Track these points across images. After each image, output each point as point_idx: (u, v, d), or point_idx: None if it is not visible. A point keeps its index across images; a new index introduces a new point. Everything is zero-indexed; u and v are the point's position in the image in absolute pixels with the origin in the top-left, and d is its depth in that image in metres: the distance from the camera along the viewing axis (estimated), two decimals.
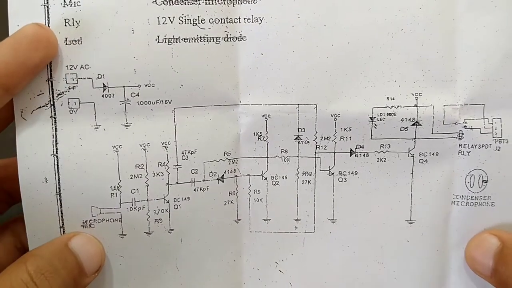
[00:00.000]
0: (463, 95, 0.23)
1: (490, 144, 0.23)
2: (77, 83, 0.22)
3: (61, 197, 0.23)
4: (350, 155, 0.24)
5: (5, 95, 0.21)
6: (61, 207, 0.23)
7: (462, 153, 0.24)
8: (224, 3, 0.22)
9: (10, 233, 0.25)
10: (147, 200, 0.24)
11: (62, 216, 0.23)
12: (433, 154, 0.24)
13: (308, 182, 0.25)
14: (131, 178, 0.23)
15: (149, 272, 0.24)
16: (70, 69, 0.22)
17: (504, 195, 0.24)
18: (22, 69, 0.21)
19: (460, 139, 0.24)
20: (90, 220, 0.23)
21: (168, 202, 0.24)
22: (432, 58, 0.23)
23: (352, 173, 0.24)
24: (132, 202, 0.23)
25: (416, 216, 0.25)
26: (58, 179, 0.23)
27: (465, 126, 0.23)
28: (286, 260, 0.26)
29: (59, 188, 0.23)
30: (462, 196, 0.24)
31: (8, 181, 0.23)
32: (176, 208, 0.24)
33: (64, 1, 0.22)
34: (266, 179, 0.25)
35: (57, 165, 0.22)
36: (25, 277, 0.20)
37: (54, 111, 0.22)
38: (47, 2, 0.22)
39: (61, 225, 0.23)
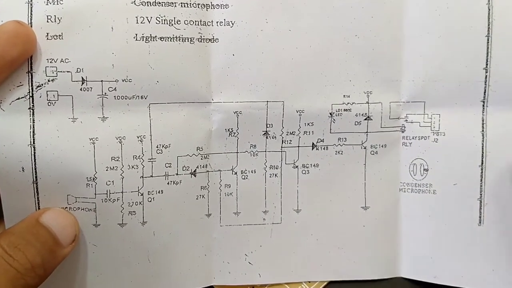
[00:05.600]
0: (406, 93, 0.27)
1: (428, 136, 0.27)
2: (56, 76, 0.23)
3: (37, 185, 0.23)
4: (312, 149, 0.27)
5: None
6: (37, 194, 0.23)
7: (405, 144, 0.27)
8: (199, 7, 0.24)
9: (2, 228, 0.24)
10: (122, 192, 0.24)
11: (38, 203, 0.23)
12: (382, 146, 0.27)
13: (275, 175, 0.27)
14: (106, 170, 0.24)
15: (121, 263, 0.25)
16: (50, 62, 0.23)
17: (443, 183, 0.27)
18: (0, 62, 0.21)
19: (403, 131, 0.27)
20: (66, 208, 0.23)
21: (142, 194, 0.24)
22: (381, 61, 0.26)
23: (314, 165, 0.27)
24: (107, 193, 0.24)
25: (370, 203, 0.27)
26: (35, 169, 0.23)
27: (406, 120, 0.27)
28: (255, 252, 0.27)
29: (36, 177, 0.23)
30: (407, 183, 0.27)
31: None
32: (150, 201, 0.25)
33: None
34: (236, 173, 0.26)
35: (34, 155, 0.22)
36: None
37: (33, 102, 0.22)
38: (31, 0, 0.22)
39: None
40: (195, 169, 0.25)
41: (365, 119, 0.27)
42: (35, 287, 0.21)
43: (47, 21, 0.22)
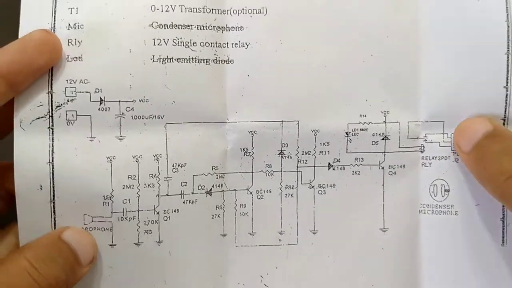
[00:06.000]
0: (424, 113, 0.26)
1: (449, 156, 0.26)
2: (75, 96, 0.23)
3: (54, 204, 0.23)
4: (328, 169, 0.26)
5: (9, 91, 0.22)
6: (54, 214, 0.23)
7: (424, 164, 0.26)
8: (214, 30, 0.25)
9: (13, 234, 0.25)
10: (138, 210, 0.24)
11: (54, 223, 0.23)
12: (401, 167, 0.26)
13: (291, 195, 0.26)
14: (123, 188, 0.24)
15: (137, 285, 0.24)
16: (70, 83, 0.23)
17: (465, 204, 0.26)
18: (27, 69, 0.22)
19: (422, 152, 0.26)
20: (82, 228, 0.24)
21: (158, 213, 0.24)
22: (397, 80, 0.26)
23: (331, 185, 0.26)
24: (123, 212, 0.24)
25: (389, 225, 0.27)
26: (53, 187, 0.23)
27: (426, 140, 0.26)
28: (270, 274, 0.26)
29: (53, 195, 0.23)
30: (428, 205, 0.26)
31: (11, 181, 0.23)
32: (166, 220, 0.25)
33: (69, 24, 0.23)
34: (251, 193, 0.26)
35: (53, 174, 0.23)
36: (24, 263, 0.20)
37: (52, 122, 0.23)
38: (54, 26, 0.23)
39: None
40: (211, 188, 0.25)
41: (383, 139, 0.26)
42: None
43: (68, 44, 0.23)
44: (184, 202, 0.25)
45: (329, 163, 0.26)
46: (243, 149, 0.26)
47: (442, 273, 0.26)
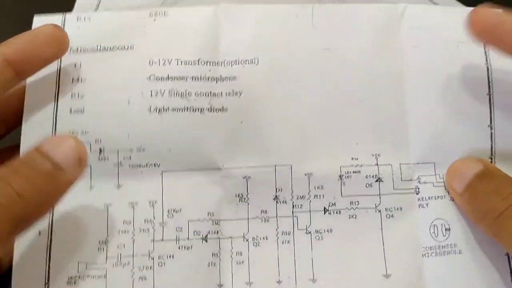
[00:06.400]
0: (414, 155, 0.26)
1: (444, 196, 0.26)
2: None
3: (50, 251, 0.23)
4: (324, 213, 0.26)
5: (16, 78, 0.23)
6: (49, 261, 0.23)
7: (421, 205, 0.26)
8: (208, 80, 0.26)
9: None
10: (133, 255, 0.24)
11: (49, 271, 0.23)
12: (398, 209, 0.26)
13: (287, 241, 0.26)
14: (118, 233, 0.24)
15: None
16: (72, 134, 0.25)
17: (468, 241, 0.25)
18: (35, 59, 0.24)
19: (417, 193, 0.26)
20: (76, 276, 0.24)
21: (153, 258, 0.24)
22: (386, 124, 0.26)
23: (327, 230, 0.26)
24: (117, 257, 0.24)
25: (392, 271, 0.26)
26: (51, 233, 0.24)
27: (419, 181, 0.26)
28: None
29: (51, 240, 0.23)
30: (430, 247, 0.26)
31: None
32: (161, 266, 0.24)
33: (73, 79, 0.25)
34: (247, 240, 0.26)
35: (52, 220, 0.24)
36: None
37: None
38: (58, 81, 0.25)
39: (46, 282, 0.23)
40: (207, 235, 0.25)
41: (376, 181, 0.26)
42: (33, 216, 0.20)
43: (72, 97, 0.25)
44: (179, 248, 0.25)
45: (324, 208, 0.26)
46: (238, 195, 0.26)
47: None
